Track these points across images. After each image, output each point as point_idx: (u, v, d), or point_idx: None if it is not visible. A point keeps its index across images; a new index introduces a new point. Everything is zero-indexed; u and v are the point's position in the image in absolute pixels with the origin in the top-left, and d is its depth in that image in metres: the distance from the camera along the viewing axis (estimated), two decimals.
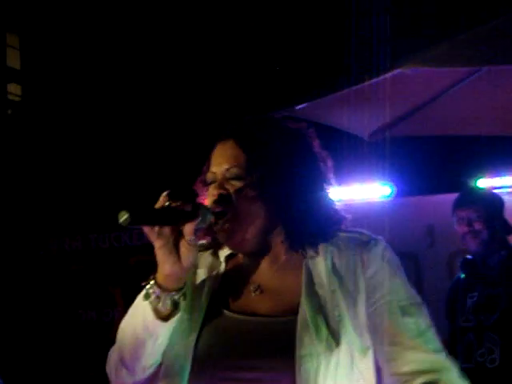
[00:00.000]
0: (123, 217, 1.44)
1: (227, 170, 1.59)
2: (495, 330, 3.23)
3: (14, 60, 7.42)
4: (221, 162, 1.61)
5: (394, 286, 1.57)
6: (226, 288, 1.63)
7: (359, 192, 4.83)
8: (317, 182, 1.62)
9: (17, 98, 7.43)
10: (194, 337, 1.55)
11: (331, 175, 1.66)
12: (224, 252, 1.68)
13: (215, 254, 1.68)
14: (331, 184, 1.65)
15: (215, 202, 1.57)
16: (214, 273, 1.65)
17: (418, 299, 1.59)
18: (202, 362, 1.53)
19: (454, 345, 3.33)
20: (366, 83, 3.12)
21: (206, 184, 1.63)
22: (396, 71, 3.02)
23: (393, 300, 1.55)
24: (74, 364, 5.70)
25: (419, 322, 1.55)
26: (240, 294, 1.61)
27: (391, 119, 3.85)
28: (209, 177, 1.62)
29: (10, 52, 7.38)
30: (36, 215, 6.18)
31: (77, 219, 6.05)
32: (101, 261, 5.94)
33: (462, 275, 3.50)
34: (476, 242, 3.40)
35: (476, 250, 3.42)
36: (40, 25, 7.04)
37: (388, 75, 3.05)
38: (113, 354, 1.63)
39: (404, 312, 1.55)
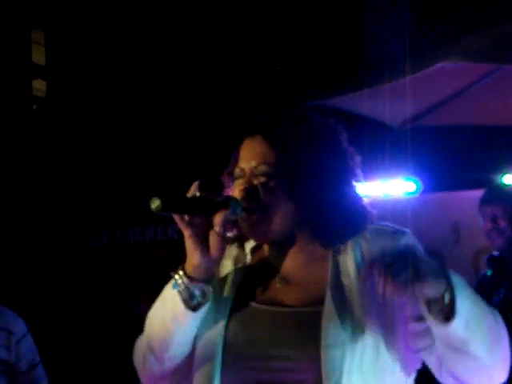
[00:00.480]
0: (155, 203, 1.46)
1: (255, 167, 1.60)
2: None
3: (39, 56, 7.46)
4: (249, 159, 1.62)
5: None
6: (252, 280, 1.65)
7: (383, 188, 4.81)
8: (345, 177, 1.63)
9: (42, 94, 7.47)
10: (222, 328, 1.57)
11: (359, 171, 1.67)
12: (250, 244, 1.70)
13: (241, 247, 1.70)
14: (359, 180, 1.66)
15: (243, 198, 1.58)
16: (240, 265, 1.67)
17: None
18: (231, 352, 1.55)
19: None
20: (408, 77, 3.10)
21: (234, 178, 1.64)
22: (439, 64, 3.00)
23: None
24: (99, 359, 5.73)
25: None
26: (265, 285, 1.63)
27: (422, 109, 3.83)
28: (237, 172, 1.64)
29: (35, 48, 7.43)
30: (60, 211, 6.22)
31: (101, 214, 6.08)
32: (125, 256, 5.97)
33: (489, 272, 3.47)
34: (501, 239, 3.37)
35: (501, 247, 3.39)
36: (65, 21, 7.07)
37: (431, 68, 3.03)
38: (141, 344, 1.66)
39: None
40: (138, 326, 1.68)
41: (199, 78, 6.22)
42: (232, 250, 1.69)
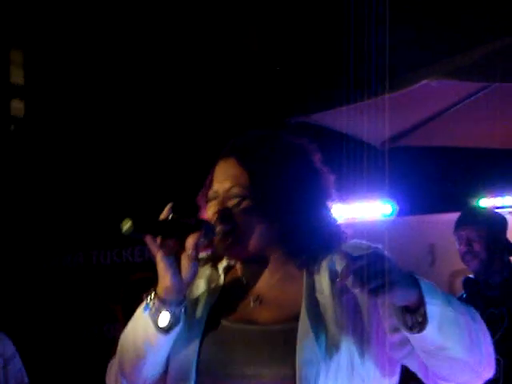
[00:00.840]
0: (126, 225, 1.45)
1: (228, 189, 1.61)
2: (497, 350, 3.21)
3: (17, 76, 7.45)
4: (222, 181, 1.63)
5: None
6: (226, 300, 1.65)
7: (360, 210, 4.83)
8: (318, 198, 1.64)
9: (20, 114, 7.45)
10: (195, 349, 1.56)
11: (333, 191, 1.67)
12: (222, 264, 1.70)
13: (214, 267, 1.70)
14: (333, 200, 1.67)
15: (217, 220, 1.59)
16: (213, 285, 1.67)
17: None
18: (205, 373, 1.54)
19: None
20: (389, 95, 3.11)
21: (208, 200, 1.65)
22: (422, 82, 3.02)
23: None
24: (75, 379, 5.68)
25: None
26: (239, 305, 1.62)
27: (400, 130, 3.85)
28: (210, 194, 1.64)
29: (13, 68, 7.41)
30: (37, 231, 6.18)
31: (78, 235, 6.05)
32: (102, 277, 5.93)
33: (464, 294, 3.49)
34: (475, 262, 3.39)
35: (476, 269, 3.41)
36: (44, 41, 7.07)
37: (415, 86, 3.05)
38: (113, 366, 1.65)
39: None
40: (115, 347, 1.67)
41: (178, 98, 6.24)
42: (205, 270, 1.69)
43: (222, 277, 1.69)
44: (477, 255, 3.38)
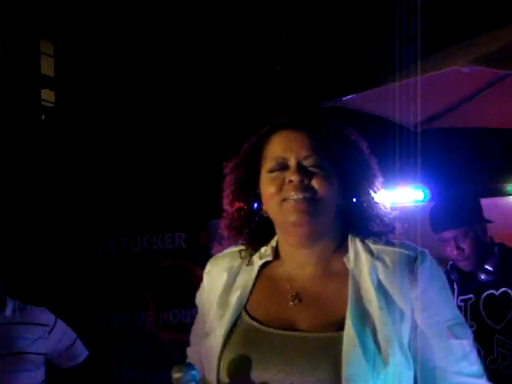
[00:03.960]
0: None
1: (307, 156, 1.51)
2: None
3: (47, 67, 7.50)
4: (296, 148, 1.51)
5: (441, 306, 1.50)
6: (261, 298, 1.55)
7: (391, 196, 4.79)
8: (369, 183, 1.57)
9: (50, 104, 7.51)
10: (219, 347, 1.49)
11: (380, 181, 1.59)
12: (258, 260, 1.60)
13: (249, 263, 1.60)
14: (377, 190, 1.58)
15: (296, 190, 1.48)
16: (245, 283, 1.57)
17: (462, 319, 1.53)
18: (230, 375, 1.45)
19: None
20: (419, 81, 3.07)
21: (268, 171, 1.54)
22: (452, 68, 2.97)
23: (439, 320, 1.48)
24: (105, 366, 5.72)
25: (464, 344, 1.49)
26: (276, 304, 1.52)
27: (431, 114, 3.80)
28: (272, 164, 1.53)
29: (43, 59, 7.47)
30: (68, 219, 6.23)
31: (108, 222, 6.08)
32: (133, 264, 5.96)
33: None
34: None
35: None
36: (74, 32, 7.11)
37: (443, 71, 3.00)
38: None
39: (450, 333, 1.48)
40: (146, 335, 1.67)
41: (206, 84, 6.24)
42: (238, 268, 1.59)
43: (255, 273, 1.58)
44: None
